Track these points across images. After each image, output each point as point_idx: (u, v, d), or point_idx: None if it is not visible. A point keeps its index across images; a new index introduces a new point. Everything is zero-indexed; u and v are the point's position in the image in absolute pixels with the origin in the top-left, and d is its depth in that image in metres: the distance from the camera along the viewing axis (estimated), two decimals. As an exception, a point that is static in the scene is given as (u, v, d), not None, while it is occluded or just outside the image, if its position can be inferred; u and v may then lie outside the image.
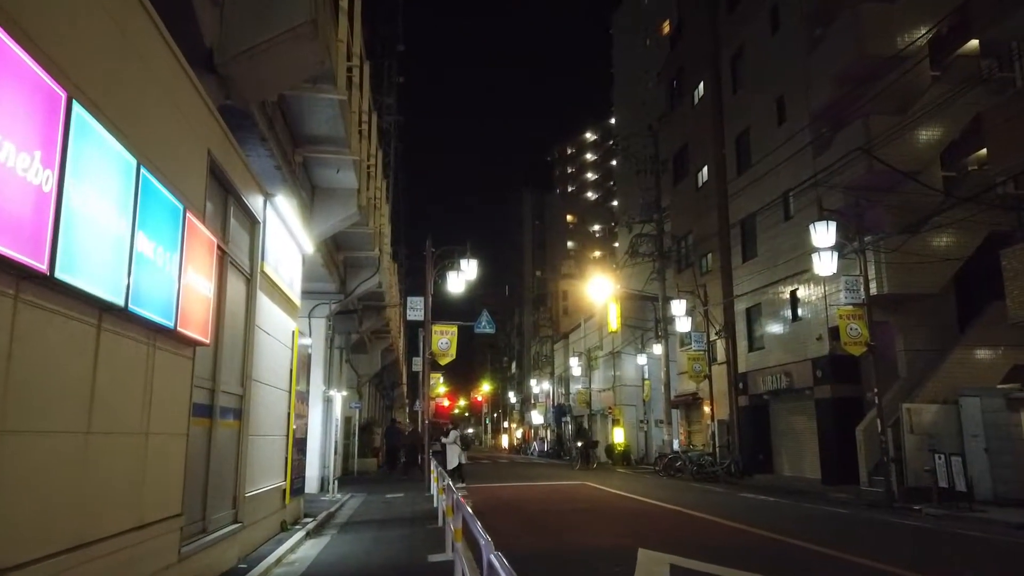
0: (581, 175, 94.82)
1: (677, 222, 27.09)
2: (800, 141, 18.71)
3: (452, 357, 17.95)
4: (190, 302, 5.40)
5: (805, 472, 19.76)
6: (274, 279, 8.84)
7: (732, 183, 23.27)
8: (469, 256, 17.50)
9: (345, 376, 23.64)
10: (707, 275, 24.61)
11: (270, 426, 9.02)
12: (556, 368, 50.27)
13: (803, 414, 19.84)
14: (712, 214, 24.44)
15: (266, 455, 8.84)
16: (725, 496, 15.76)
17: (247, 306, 7.94)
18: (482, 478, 21.73)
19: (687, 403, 26.63)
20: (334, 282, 16.51)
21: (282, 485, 9.67)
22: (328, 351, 17.58)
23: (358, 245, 15.76)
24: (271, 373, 8.99)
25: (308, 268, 15.46)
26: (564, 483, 18.87)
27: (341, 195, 12.21)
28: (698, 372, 23.11)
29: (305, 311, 17.05)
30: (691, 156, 26.70)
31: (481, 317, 22.82)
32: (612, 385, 36.48)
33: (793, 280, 19.50)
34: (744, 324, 22.50)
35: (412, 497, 15.64)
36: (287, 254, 9.89)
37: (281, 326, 9.57)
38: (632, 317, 34.58)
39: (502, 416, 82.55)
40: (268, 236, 8.48)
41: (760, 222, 21.49)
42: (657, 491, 16.56)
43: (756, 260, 21.75)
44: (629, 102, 45.38)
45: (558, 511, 12.34)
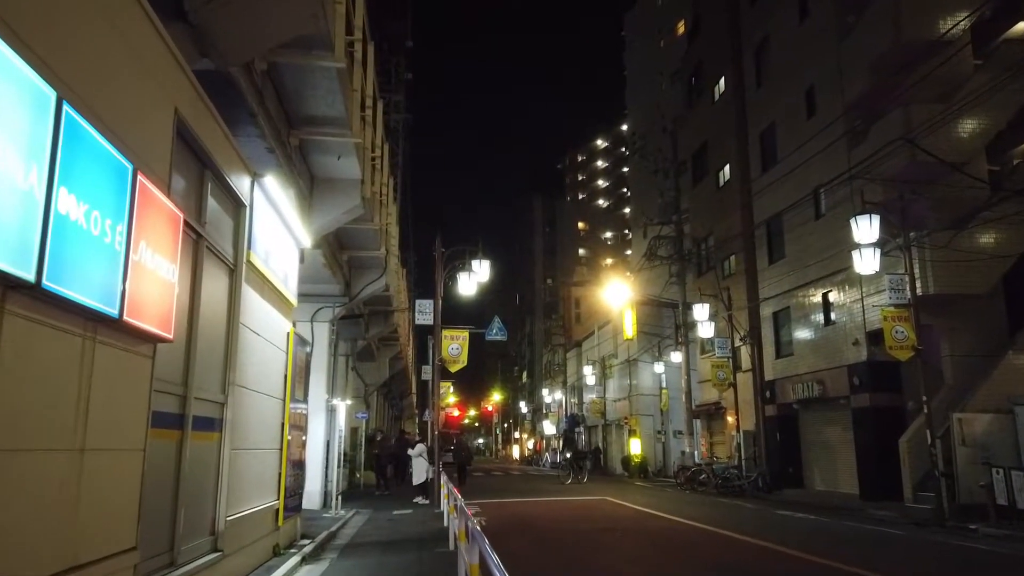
0: (592, 182, 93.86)
1: (697, 224, 25.99)
2: (832, 134, 17.60)
3: (463, 363, 16.89)
4: (145, 287, 4.38)
5: (839, 486, 18.52)
6: (264, 272, 7.82)
7: (756, 181, 22.17)
8: (481, 256, 16.46)
9: (351, 385, 22.61)
10: (730, 278, 23.47)
11: (260, 438, 7.99)
12: (568, 377, 49.09)
13: (837, 424, 18.63)
14: (734, 214, 23.32)
15: (255, 471, 7.80)
16: (758, 513, 14.57)
17: (230, 300, 6.92)
18: (494, 492, 20.60)
19: (709, 413, 25.43)
20: (338, 284, 15.52)
21: (275, 504, 8.62)
22: (332, 358, 16.56)
23: (363, 244, 14.76)
24: (261, 378, 7.96)
25: (309, 268, 14.49)
26: (582, 498, 17.72)
27: (343, 186, 11.21)
28: (722, 380, 21.93)
29: (307, 315, 16.09)
30: (711, 155, 25.62)
31: (493, 323, 21.79)
32: (628, 394, 35.28)
33: (825, 282, 18.34)
34: (771, 329, 21.33)
35: (421, 514, 14.55)
36: (281, 247, 8.88)
37: (273, 326, 8.55)
38: (648, 324, 33.42)
39: (513, 426, 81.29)
40: (257, 223, 7.47)
41: (788, 221, 20.35)
42: (683, 507, 15.39)
43: (784, 261, 20.61)
44: (643, 104, 44.35)
45: (581, 531, 11.21)
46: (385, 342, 27.31)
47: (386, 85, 22.82)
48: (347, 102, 8.98)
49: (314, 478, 15.50)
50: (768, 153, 21.76)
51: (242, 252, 7.10)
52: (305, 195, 10.82)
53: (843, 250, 17.41)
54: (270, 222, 8.18)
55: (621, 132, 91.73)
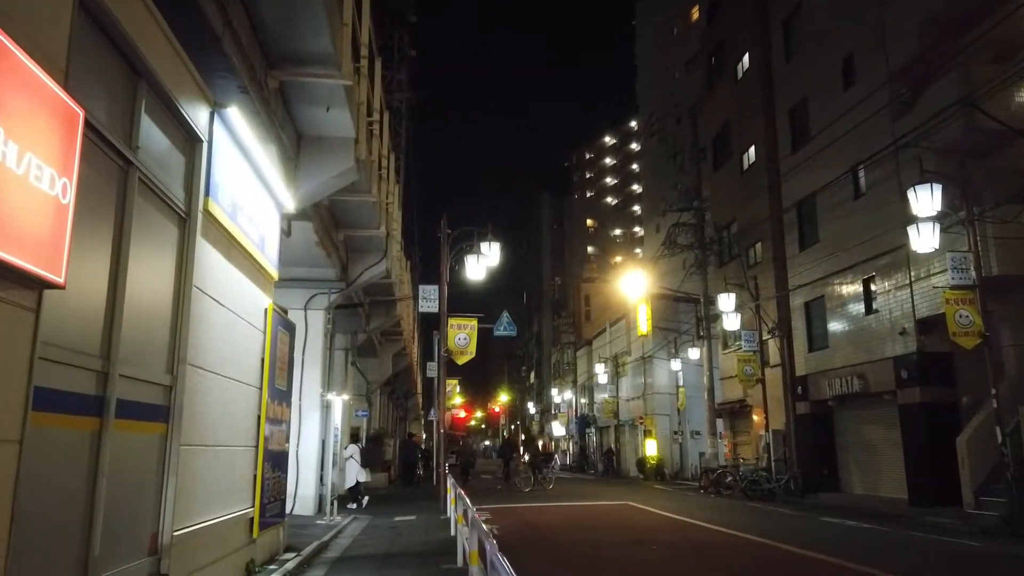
0: (600, 180, 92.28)
1: (718, 211, 24.46)
2: (874, 105, 16.08)
3: (471, 355, 15.42)
4: (9, 201, 2.94)
5: (882, 490, 16.95)
6: (230, 229, 6.37)
7: (785, 161, 20.63)
8: (491, 238, 14.99)
9: (351, 381, 21.18)
10: (755, 267, 21.93)
11: (227, 433, 6.54)
12: (579, 376, 47.57)
13: (879, 422, 17.06)
14: (761, 199, 21.79)
15: (220, 473, 6.35)
16: (802, 521, 13.04)
17: (180, 256, 5.47)
18: (504, 496, 19.11)
19: (732, 411, 23.87)
20: (333, 268, 14.07)
21: (248, 513, 7.17)
22: (327, 348, 15.12)
23: (360, 220, 13.31)
24: (228, 360, 6.52)
25: (301, 249, 13.05)
26: (603, 503, 16.21)
27: (334, 146, 9.76)
28: (749, 376, 20.38)
29: (300, 302, 14.66)
30: (734, 137, 24.10)
31: (501, 318, 20.31)
32: (642, 393, 33.74)
33: (867, 266, 16.79)
34: (802, 321, 19.78)
35: (425, 521, 13.09)
36: (257, 205, 7.44)
37: (245, 298, 7.10)
38: (664, 319, 31.88)
39: (520, 428, 79.78)
40: (220, 167, 6.03)
41: (822, 203, 18.82)
42: (717, 514, 13.87)
43: (817, 247, 19.06)
44: (655, 94, 42.89)
45: (610, 544, 9.71)
46: (388, 337, 25.85)
47: (388, 62, 21.42)
48: (334, 35, 7.53)
49: (308, 481, 14.06)
50: (799, 131, 20.23)
51: (198, 198, 5.65)
52: (291, 156, 9.38)
53: (888, 230, 15.90)
54: (240, 171, 6.75)
55: (630, 129, 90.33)
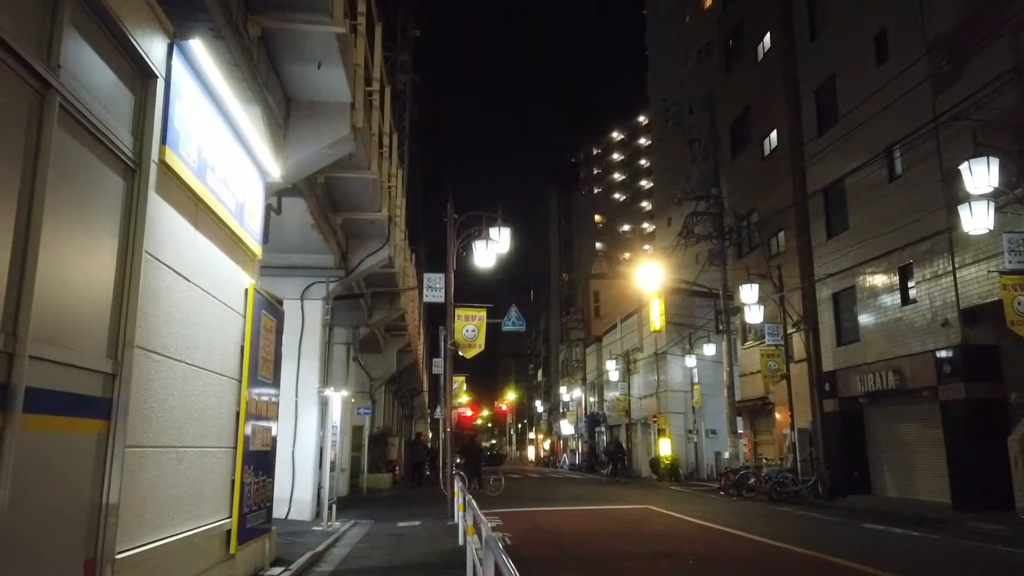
0: (608, 175, 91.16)
1: (736, 200, 23.35)
2: (911, 79, 14.97)
3: (480, 348, 14.39)
4: None
5: (919, 493, 15.85)
6: (196, 188, 5.35)
7: (810, 145, 19.51)
8: (500, 223, 13.96)
9: (353, 377, 20.20)
10: (778, 258, 20.82)
11: (195, 431, 5.53)
12: (588, 374, 46.51)
13: (916, 420, 15.96)
14: (784, 185, 20.68)
15: (184, 479, 5.34)
16: (840, 527, 11.96)
17: (128, 213, 4.45)
18: (514, 498, 18.07)
19: (753, 410, 22.77)
20: (332, 254, 13.08)
21: (224, 524, 6.15)
22: (326, 341, 14.13)
23: (359, 201, 12.28)
24: (196, 346, 5.51)
25: (295, 233, 12.05)
26: (622, 507, 15.15)
27: (327, 112, 8.73)
28: (773, 371, 19.29)
29: (296, 291, 13.66)
30: (754, 122, 22.99)
31: (510, 313, 19.24)
32: (655, 391, 32.66)
33: (904, 253, 15.67)
34: (830, 313, 18.66)
35: (431, 528, 12.06)
36: (234, 167, 6.42)
37: (218, 274, 6.09)
38: (678, 314, 30.80)
39: (528, 427, 78.80)
40: (183, 113, 5.02)
41: (852, 187, 17.71)
42: (745, 519, 12.80)
43: (847, 234, 17.94)
44: (667, 83, 41.73)
45: (641, 557, 8.65)
46: (392, 332, 24.88)
47: (391, 43, 20.41)
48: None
49: (305, 484, 13.08)
50: (826, 112, 19.11)
51: (151, 145, 4.62)
52: (279, 122, 8.34)
53: (928, 213, 14.80)
54: (212, 126, 5.73)
55: (638, 124, 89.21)
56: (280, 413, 13.64)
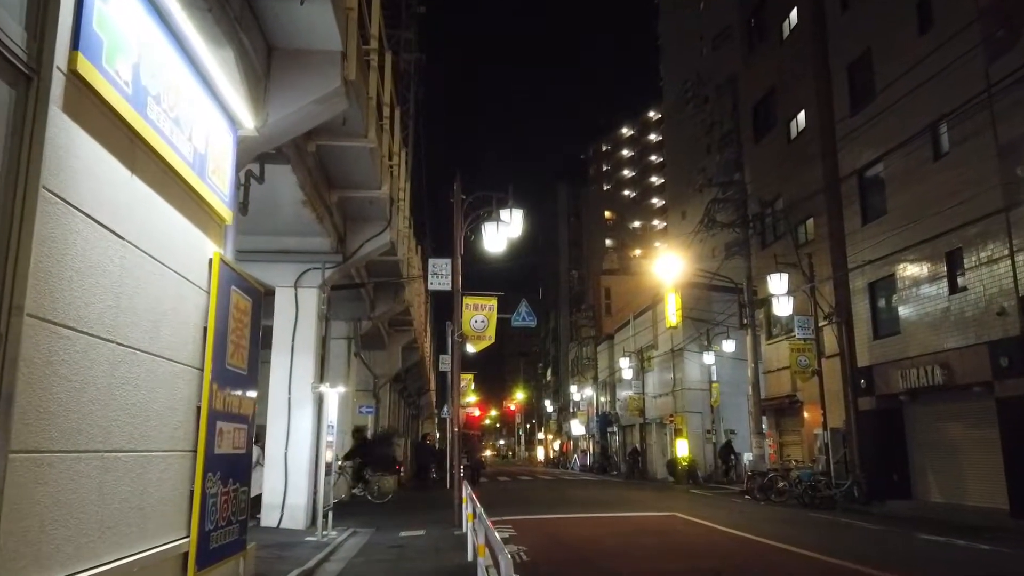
0: (618, 172, 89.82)
1: (760, 186, 22.05)
2: (960, 46, 13.70)
3: (490, 340, 13.18)
4: None
5: (968, 498, 14.55)
6: (129, 119, 4.15)
7: (842, 124, 18.21)
8: (512, 205, 12.76)
9: (355, 374, 19.04)
10: (807, 246, 19.52)
11: (130, 432, 4.34)
12: (599, 373, 45.23)
13: (966, 419, 14.67)
14: (812, 169, 19.39)
15: (112, 494, 4.14)
16: (894, 538, 10.69)
17: (16, 132, 3.28)
18: (526, 503, 16.86)
19: (779, 408, 21.47)
20: (327, 236, 11.91)
21: (180, 545, 4.98)
22: (322, 333, 12.96)
23: (357, 177, 11.09)
24: (135, 323, 4.33)
25: (288, 212, 10.89)
26: (647, 514, 13.89)
27: (315, 62, 7.52)
28: (804, 367, 18.00)
29: (290, 278, 12.53)
30: (780, 103, 21.70)
31: (520, 308, 18.03)
32: (671, 389, 31.37)
33: (953, 237, 14.37)
34: (866, 304, 17.36)
35: (436, 538, 10.88)
36: (192, 108, 5.23)
37: (170, 236, 4.90)
38: (695, 309, 29.51)
39: (537, 427, 77.59)
40: (113, 19, 3.84)
41: (891, 168, 16.42)
42: (785, 529, 11.56)
43: (885, 219, 16.65)
44: (680, 72, 40.40)
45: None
46: (397, 327, 23.72)
47: (395, 21, 19.24)
48: None
49: (299, 488, 11.93)
50: (860, 88, 17.81)
51: (56, 45, 3.44)
52: (258, 72, 7.15)
53: (980, 193, 13.51)
54: (157, 46, 4.53)
55: (648, 119, 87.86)
56: (273, 412, 12.56)
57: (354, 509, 15.18)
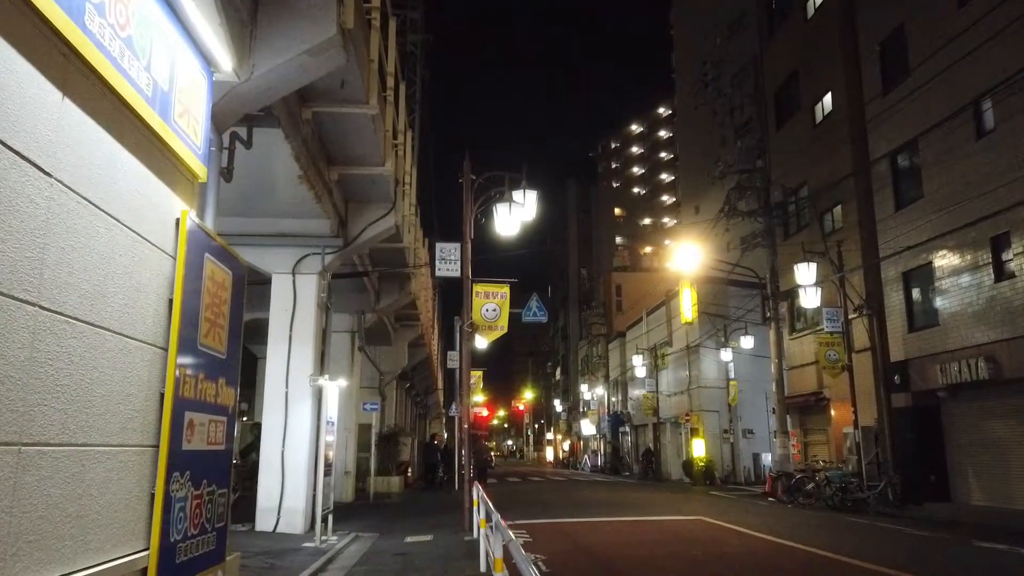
0: (627, 169, 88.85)
1: (783, 173, 21.06)
2: (1006, 16, 12.72)
3: (503, 331, 12.27)
4: None
5: (1017, 501, 13.53)
6: (51, 15, 3.26)
7: (873, 104, 17.22)
8: (525, 185, 11.84)
9: (359, 369, 18.18)
10: (834, 235, 18.51)
11: (62, 421, 3.43)
12: (611, 371, 44.25)
13: (1015, 416, 13.66)
14: (840, 153, 18.40)
15: (33, 500, 3.25)
16: (950, 547, 9.74)
17: None
18: (540, 505, 15.95)
19: (803, 406, 20.47)
20: (328, 218, 11.06)
21: (136, 560, 4.08)
22: (322, 323, 12.10)
23: (358, 151, 10.22)
24: (62, 284, 3.43)
25: (284, 189, 10.05)
26: (672, 518, 12.95)
27: (306, 7, 6.68)
28: (833, 362, 17.01)
29: (287, 263, 11.68)
30: (803, 87, 20.70)
31: (530, 302, 17.13)
32: (687, 387, 30.38)
33: (998, 221, 13.36)
34: (900, 294, 16.35)
35: (444, 544, 9.99)
36: (149, 33, 4.34)
37: (117, 179, 4.01)
38: (712, 304, 28.56)
39: (546, 426, 76.62)
40: None
41: (927, 149, 15.43)
42: (827, 535, 10.63)
43: (920, 203, 15.65)
44: (694, 62, 39.42)
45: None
46: (403, 322, 22.87)
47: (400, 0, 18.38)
48: None
49: (297, 490, 11.06)
50: (892, 66, 16.81)
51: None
52: (244, 17, 6.30)
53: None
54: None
55: (658, 115, 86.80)
56: (269, 408, 11.69)
57: (358, 511, 14.33)
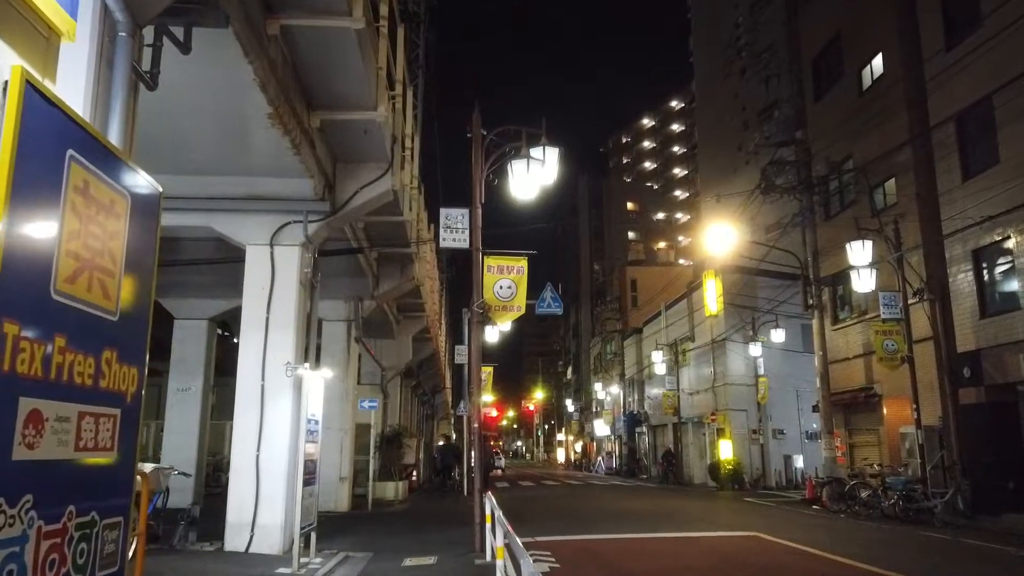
0: (639, 164, 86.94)
1: (823, 147, 19.07)
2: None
3: (519, 312, 10.37)
4: None
5: (1120, 514, 11.55)
6: None
7: (934, 61, 15.24)
8: (545, 142, 9.96)
9: (354, 362, 16.38)
10: (888, 212, 16.54)
11: None
12: (626, 369, 42.28)
13: (1118, 414, 11.68)
14: (895, 119, 16.43)
15: None
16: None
17: None
18: (559, 516, 14.03)
19: (848, 404, 18.46)
20: (310, 177, 9.22)
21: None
22: (306, 304, 10.27)
23: (343, 89, 8.37)
24: None
25: (258, 144, 8.29)
26: (721, 535, 10.98)
27: None
28: (891, 353, 15.03)
29: (264, 233, 9.83)
30: (847, 51, 18.74)
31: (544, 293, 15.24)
32: (711, 385, 28.39)
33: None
34: (968, 275, 14.38)
35: (450, 567, 8.13)
36: None
37: None
38: (740, 295, 26.58)
39: (557, 427, 74.69)
40: None
41: (1003, 108, 13.46)
42: (921, 558, 8.71)
43: (995, 170, 13.68)
44: (713, 45, 37.47)
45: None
46: (407, 313, 21.03)
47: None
48: None
49: (273, 501, 9.22)
50: (957, 17, 14.86)
51: None
52: None
53: None
54: None
55: (670, 108, 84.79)
56: (241, 405, 9.86)
57: (353, 523, 12.50)
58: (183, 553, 8.74)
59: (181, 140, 8.38)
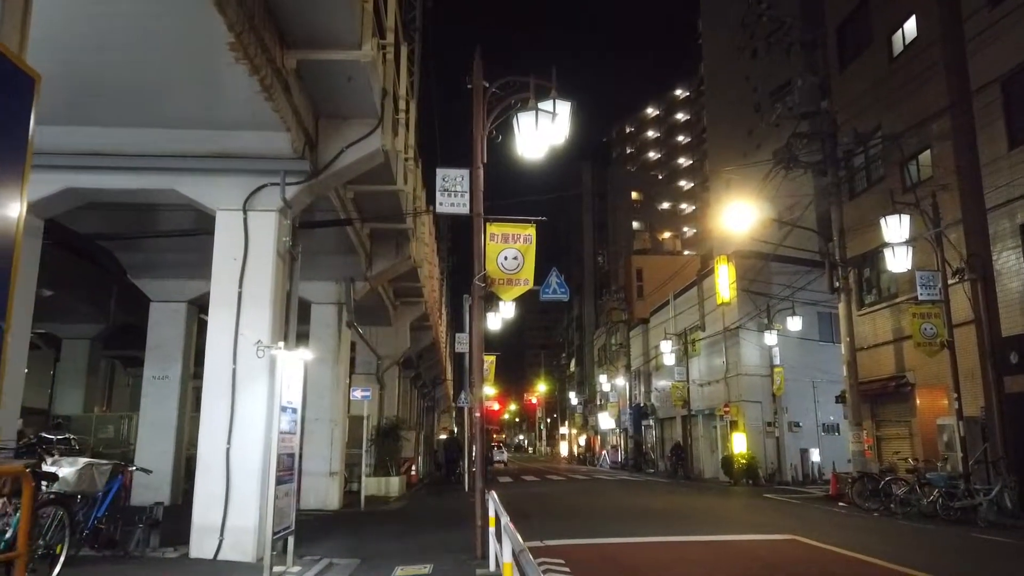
0: (643, 154, 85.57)
1: (849, 118, 17.80)
2: None
3: (527, 286, 9.16)
4: None
5: None
6: None
7: (974, 20, 13.97)
8: (555, 96, 8.75)
9: (346, 348, 15.19)
10: (922, 186, 15.30)
11: None
12: (632, 361, 41.10)
13: None
14: (931, 85, 15.16)
15: None
16: None
17: None
18: (573, 519, 12.85)
19: (876, 394, 17.22)
20: (287, 131, 7.99)
21: None
22: (285, 280, 9.08)
23: (322, 19, 7.12)
24: None
25: (220, 78, 7.09)
26: (756, 538, 9.77)
27: None
28: (930, 337, 13.81)
29: (236, 197, 8.62)
30: (875, 15, 17.46)
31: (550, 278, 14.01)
32: (724, 375, 27.19)
33: None
34: (1016, 252, 13.14)
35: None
36: None
37: None
38: (754, 282, 25.40)
39: (559, 420, 73.57)
40: None
41: (1059, 66, 12.22)
42: (990, 564, 7.53)
43: (1048, 135, 12.45)
44: (723, 26, 36.13)
45: None
46: (404, 299, 19.85)
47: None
48: None
49: (245, 502, 8.02)
50: (1003, -30, 13.58)
51: None
52: None
53: None
54: None
55: (674, 97, 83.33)
56: (210, 392, 8.63)
57: (342, 523, 11.34)
58: (141, 560, 7.58)
59: (134, 80, 7.17)
